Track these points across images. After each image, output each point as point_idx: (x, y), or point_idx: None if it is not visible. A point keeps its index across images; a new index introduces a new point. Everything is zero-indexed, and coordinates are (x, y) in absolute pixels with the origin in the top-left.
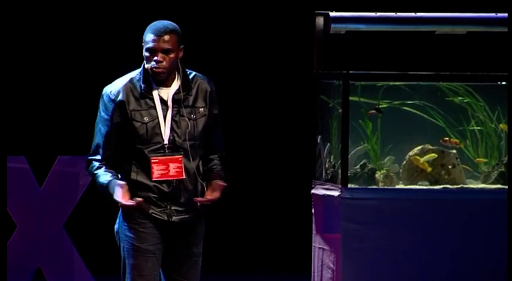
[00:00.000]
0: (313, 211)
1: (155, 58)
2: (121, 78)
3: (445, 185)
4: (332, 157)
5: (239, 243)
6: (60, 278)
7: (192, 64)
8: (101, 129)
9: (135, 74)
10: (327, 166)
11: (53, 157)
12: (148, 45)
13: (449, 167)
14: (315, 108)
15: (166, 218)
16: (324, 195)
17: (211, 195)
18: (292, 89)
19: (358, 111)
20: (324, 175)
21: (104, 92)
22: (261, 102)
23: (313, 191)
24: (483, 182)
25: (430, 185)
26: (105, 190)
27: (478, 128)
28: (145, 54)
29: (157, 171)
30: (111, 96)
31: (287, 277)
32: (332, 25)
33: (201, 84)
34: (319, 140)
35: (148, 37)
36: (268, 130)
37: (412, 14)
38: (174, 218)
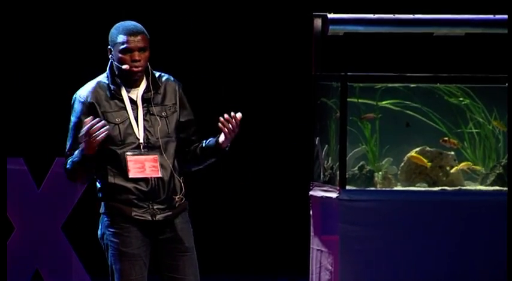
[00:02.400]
0: (311, 212)
1: (133, 58)
2: (89, 82)
3: (443, 187)
4: (330, 158)
5: (237, 244)
6: (58, 279)
7: (191, 65)
8: (73, 134)
9: (102, 77)
10: (325, 167)
11: (51, 159)
12: (124, 46)
13: (448, 168)
14: (313, 110)
15: (150, 218)
16: (322, 197)
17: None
18: (291, 90)
19: (356, 113)
20: (322, 176)
21: (73, 97)
22: (259, 103)
23: (311, 192)
24: (481, 184)
25: (428, 186)
26: (77, 158)
27: (476, 130)
28: (120, 55)
29: (133, 169)
30: (81, 99)
31: (285, 279)
32: (330, 27)
33: (168, 83)
34: (317, 142)
35: (122, 38)
36: (266, 132)
37: (410, 16)
38: (158, 216)
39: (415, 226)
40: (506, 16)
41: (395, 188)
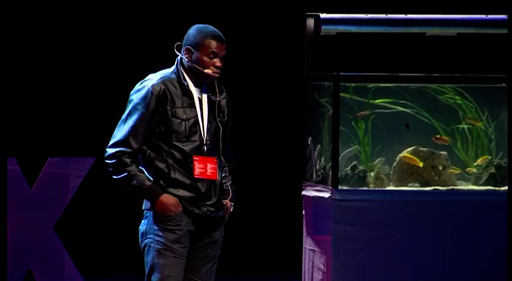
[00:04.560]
0: (303, 212)
1: (216, 64)
2: (158, 75)
3: (435, 187)
4: (323, 158)
5: (230, 244)
6: (50, 279)
7: None
8: (135, 121)
9: (169, 72)
10: (317, 167)
11: (44, 159)
12: (212, 51)
13: (440, 168)
14: (305, 110)
15: (203, 215)
16: (314, 197)
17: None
18: (283, 90)
19: (349, 113)
20: (314, 176)
21: (143, 86)
22: (252, 104)
23: (303, 192)
24: (473, 184)
25: (421, 186)
26: (143, 192)
27: (467, 126)
28: (205, 59)
29: (198, 169)
30: (154, 91)
31: (278, 279)
32: (323, 27)
33: (225, 90)
34: (310, 142)
35: (211, 43)
36: (258, 132)
37: (403, 16)
38: (211, 215)
39: (407, 226)
40: (498, 16)
41: (387, 188)
